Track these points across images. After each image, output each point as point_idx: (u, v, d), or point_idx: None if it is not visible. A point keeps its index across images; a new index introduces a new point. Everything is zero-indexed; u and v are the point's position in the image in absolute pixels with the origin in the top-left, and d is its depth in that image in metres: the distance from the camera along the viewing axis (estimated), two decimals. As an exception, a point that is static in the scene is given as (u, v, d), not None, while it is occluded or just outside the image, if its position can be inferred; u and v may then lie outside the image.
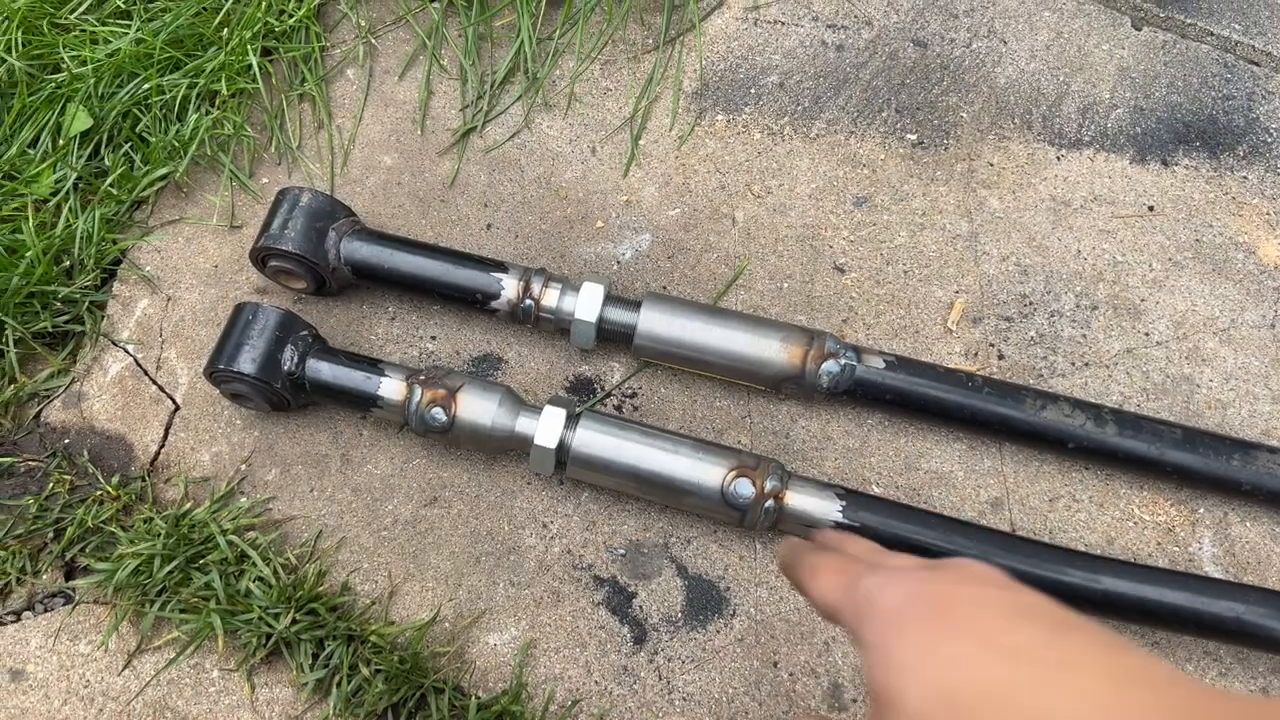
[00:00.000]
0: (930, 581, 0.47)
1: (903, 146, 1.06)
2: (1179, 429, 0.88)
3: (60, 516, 0.89)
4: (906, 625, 0.45)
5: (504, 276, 0.91)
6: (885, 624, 0.45)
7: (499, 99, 1.09)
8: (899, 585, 0.47)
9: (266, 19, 1.08)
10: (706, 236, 1.02)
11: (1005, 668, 0.40)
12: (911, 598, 0.46)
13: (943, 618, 0.44)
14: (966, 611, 0.44)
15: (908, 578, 0.48)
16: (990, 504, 0.90)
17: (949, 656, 0.42)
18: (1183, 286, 0.99)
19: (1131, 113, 1.08)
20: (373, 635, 0.83)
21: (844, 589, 0.51)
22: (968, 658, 0.42)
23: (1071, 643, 0.41)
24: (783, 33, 1.13)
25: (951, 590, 0.46)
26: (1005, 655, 0.41)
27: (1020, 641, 0.41)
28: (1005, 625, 0.43)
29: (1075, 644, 0.41)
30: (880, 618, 0.46)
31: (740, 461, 0.83)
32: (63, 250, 0.98)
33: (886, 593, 0.47)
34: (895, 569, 0.50)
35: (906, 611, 0.45)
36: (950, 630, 0.43)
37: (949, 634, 0.43)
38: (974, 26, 1.13)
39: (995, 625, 0.43)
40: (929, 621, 0.44)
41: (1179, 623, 0.80)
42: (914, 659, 0.43)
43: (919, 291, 0.99)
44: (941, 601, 0.45)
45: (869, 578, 0.49)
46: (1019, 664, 0.40)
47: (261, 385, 0.86)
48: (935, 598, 0.46)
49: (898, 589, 0.47)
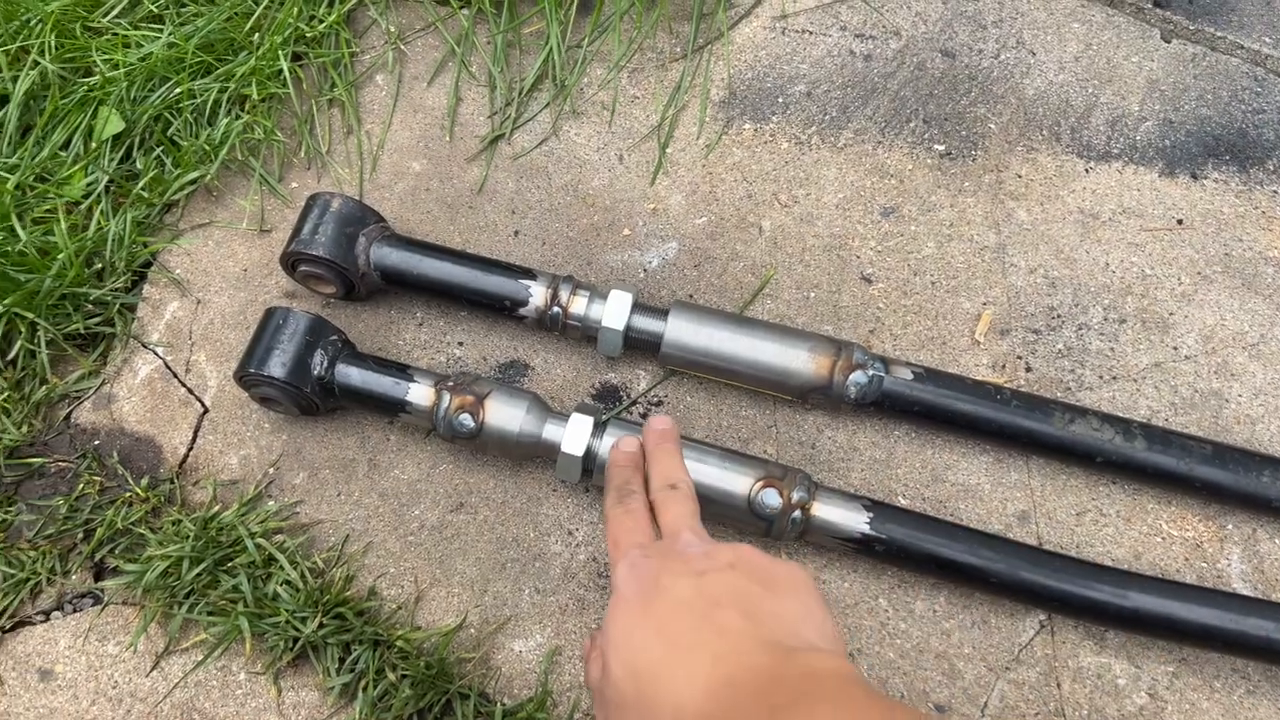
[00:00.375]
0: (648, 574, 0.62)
1: (930, 157, 1.06)
2: (1208, 444, 0.87)
3: (90, 517, 0.90)
4: (620, 610, 0.60)
5: (532, 283, 0.92)
6: (614, 602, 0.62)
7: (527, 106, 1.10)
8: (628, 577, 0.63)
9: (297, 24, 1.09)
10: (733, 245, 1.02)
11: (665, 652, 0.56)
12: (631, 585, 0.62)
13: (643, 607, 0.59)
14: (659, 603, 0.59)
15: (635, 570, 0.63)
16: (1017, 517, 0.90)
17: (637, 641, 0.58)
18: (1212, 300, 0.98)
19: (1161, 125, 1.08)
20: (399, 640, 0.84)
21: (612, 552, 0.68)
22: (647, 643, 0.57)
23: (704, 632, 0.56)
24: (811, 42, 1.13)
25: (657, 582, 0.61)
26: (668, 642, 0.56)
27: (677, 629, 0.57)
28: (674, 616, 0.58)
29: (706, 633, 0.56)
30: (614, 596, 0.62)
31: (767, 472, 0.83)
32: (94, 252, 0.99)
33: (620, 576, 0.63)
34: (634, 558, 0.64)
35: (624, 598, 0.61)
36: (642, 619, 0.59)
37: (641, 622, 0.59)
38: (1002, 37, 1.13)
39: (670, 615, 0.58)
40: (634, 609, 0.60)
41: (1207, 640, 0.80)
42: (618, 638, 0.59)
43: (946, 302, 0.99)
44: (646, 593, 0.60)
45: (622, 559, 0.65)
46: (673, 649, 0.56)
47: (291, 389, 0.86)
48: (644, 590, 0.61)
49: (625, 580, 0.63)
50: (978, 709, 0.83)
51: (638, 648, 0.58)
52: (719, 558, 0.62)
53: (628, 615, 0.60)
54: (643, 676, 0.56)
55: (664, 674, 0.55)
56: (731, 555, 0.62)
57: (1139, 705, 0.83)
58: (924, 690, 0.84)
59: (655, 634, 0.58)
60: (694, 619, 0.58)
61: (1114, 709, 0.83)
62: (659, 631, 0.58)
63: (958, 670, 0.84)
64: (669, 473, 0.73)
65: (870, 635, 0.86)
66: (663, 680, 0.55)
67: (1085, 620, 0.84)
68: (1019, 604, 0.86)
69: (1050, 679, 0.84)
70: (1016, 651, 0.85)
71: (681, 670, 0.55)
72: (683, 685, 0.54)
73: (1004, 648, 0.85)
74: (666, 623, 0.58)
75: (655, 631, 0.58)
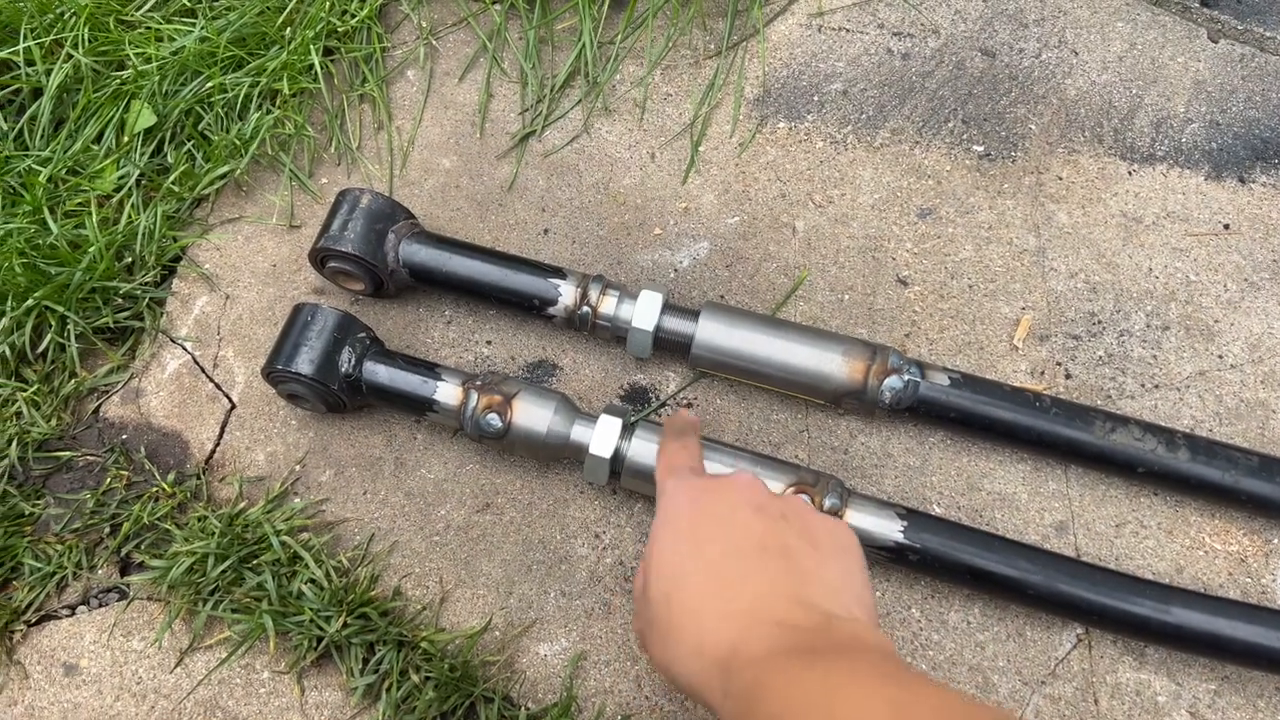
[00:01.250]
0: (697, 498, 0.64)
1: (969, 158, 1.04)
2: (1254, 456, 0.85)
3: (116, 512, 0.90)
4: (666, 528, 0.63)
5: (561, 283, 0.91)
6: (660, 520, 0.64)
7: (558, 103, 1.08)
8: (677, 494, 0.65)
9: (329, 19, 1.08)
10: (766, 246, 1.00)
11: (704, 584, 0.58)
12: (678, 506, 0.64)
13: (690, 530, 0.62)
14: (706, 529, 0.61)
15: (687, 490, 0.65)
16: (1055, 528, 0.88)
17: (678, 566, 0.60)
18: (1259, 308, 0.96)
19: (1207, 128, 1.05)
20: (423, 642, 0.83)
21: (662, 475, 0.71)
22: (687, 571, 0.59)
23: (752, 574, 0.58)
24: (847, 40, 1.11)
25: (707, 504, 0.63)
26: (709, 575, 0.58)
27: (720, 564, 0.59)
28: (719, 548, 0.60)
29: (753, 575, 0.58)
30: (661, 513, 0.64)
31: (799, 477, 0.82)
32: (124, 246, 0.99)
33: (672, 491, 0.66)
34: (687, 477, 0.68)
35: (673, 516, 0.63)
36: (688, 544, 0.61)
37: (685, 548, 0.60)
38: (1044, 36, 1.11)
39: (716, 546, 0.60)
40: (680, 531, 0.62)
41: (1251, 658, 0.77)
42: (660, 559, 0.61)
43: (984, 307, 0.96)
44: (695, 516, 0.62)
45: (669, 479, 0.68)
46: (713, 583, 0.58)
47: (318, 386, 0.86)
48: (694, 511, 0.63)
49: (674, 498, 0.65)
50: (1012, 724, 0.81)
51: (678, 574, 0.59)
52: (772, 505, 0.63)
53: (674, 536, 0.61)
54: (674, 604, 0.57)
55: (698, 607, 0.56)
56: (783, 505, 0.63)
57: (1179, 724, 0.81)
58: (957, 703, 0.82)
59: (698, 564, 0.59)
60: (739, 558, 0.58)
61: (1153, 727, 0.80)
62: (702, 561, 0.59)
63: (992, 684, 0.82)
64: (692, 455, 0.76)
65: (903, 646, 0.84)
66: (695, 613, 0.56)
67: (1125, 635, 0.82)
68: (1056, 617, 0.84)
69: (1087, 694, 0.82)
70: (1053, 665, 0.83)
71: (716, 606, 0.56)
72: (712, 622, 0.55)
73: (1040, 661, 0.83)
74: (710, 554, 0.59)
75: (698, 561, 0.59)
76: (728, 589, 0.57)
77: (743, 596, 0.56)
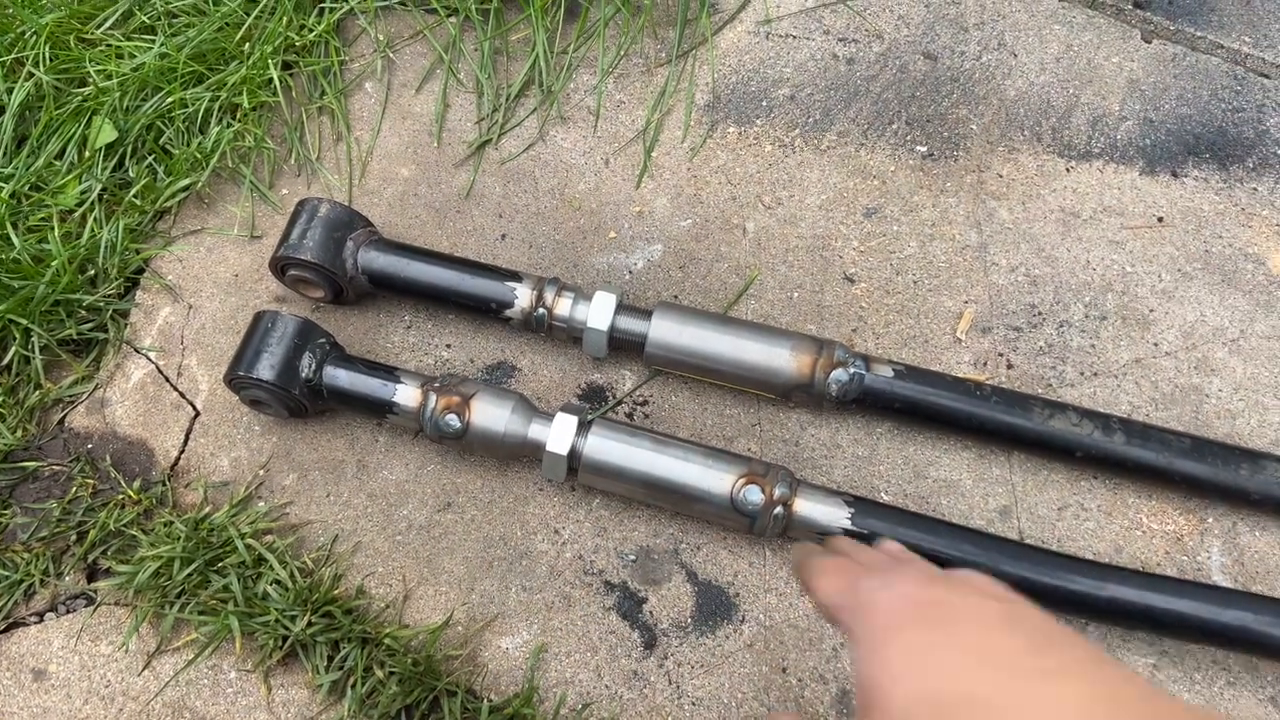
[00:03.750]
0: (928, 588, 0.49)
1: (913, 158, 1.07)
2: (1188, 438, 0.88)
3: (83, 520, 0.91)
4: (900, 629, 0.46)
5: (518, 286, 0.93)
6: (880, 626, 0.47)
7: (514, 112, 1.11)
8: (897, 589, 0.49)
9: (287, 34, 1.10)
10: (718, 247, 1.03)
11: (991, 675, 0.42)
12: (907, 602, 0.48)
13: (936, 625, 0.46)
14: (960, 620, 0.46)
15: (907, 582, 0.49)
16: (999, 512, 0.91)
17: (937, 663, 0.44)
18: (1192, 297, 0.99)
19: (1141, 125, 1.09)
20: (387, 638, 0.85)
21: (845, 588, 0.53)
22: (956, 665, 0.43)
23: (1056, 654, 0.43)
24: (794, 46, 1.14)
25: (947, 598, 0.48)
26: (992, 664, 0.43)
27: (1008, 651, 0.43)
28: (995, 635, 0.44)
29: (1060, 656, 0.43)
30: (876, 619, 0.47)
31: (750, 469, 0.84)
32: (87, 259, 1.01)
33: (884, 595, 0.49)
34: (897, 574, 0.52)
35: (901, 615, 0.47)
36: (941, 637, 0.45)
37: (940, 641, 0.45)
38: (984, 39, 1.14)
39: (985, 635, 0.44)
40: (922, 627, 0.46)
41: (1187, 631, 0.81)
42: (903, 662, 0.44)
43: (928, 301, 1.00)
44: (936, 608, 0.47)
45: (869, 579, 0.51)
46: (1004, 673, 0.42)
47: (280, 392, 0.88)
48: (930, 604, 0.47)
49: (895, 592, 0.49)
50: (960, 702, 0.84)
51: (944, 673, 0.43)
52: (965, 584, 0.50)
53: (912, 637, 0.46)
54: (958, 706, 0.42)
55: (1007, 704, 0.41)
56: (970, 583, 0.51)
57: (1120, 697, 0.83)
58: (906, 684, 0.84)
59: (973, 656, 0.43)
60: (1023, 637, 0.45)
61: (1095, 701, 0.83)
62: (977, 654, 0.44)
63: (940, 664, 0.85)
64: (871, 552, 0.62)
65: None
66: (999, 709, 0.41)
67: (1065, 612, 0.85)
68: (1000, 598, 0.86)
69: (1032, 672, 0.84)
70: (998, 645, 0.85)
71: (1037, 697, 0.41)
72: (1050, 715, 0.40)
73: (986, 641, 0.86)
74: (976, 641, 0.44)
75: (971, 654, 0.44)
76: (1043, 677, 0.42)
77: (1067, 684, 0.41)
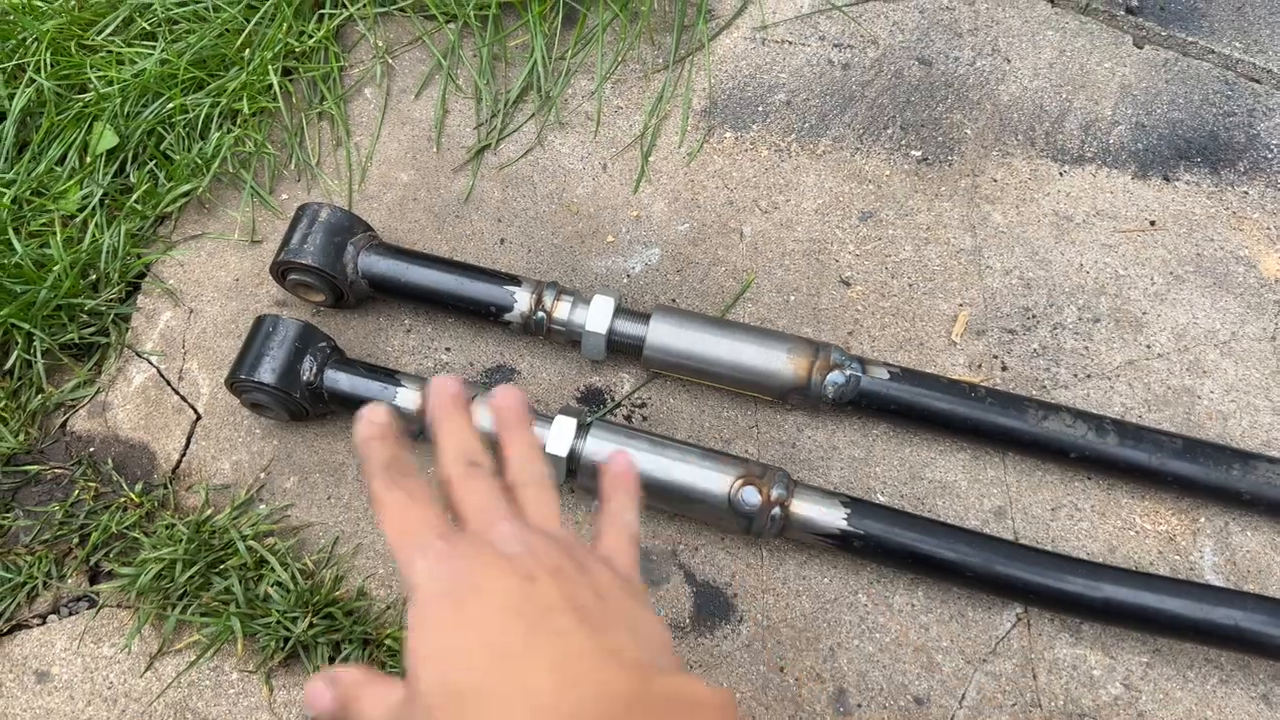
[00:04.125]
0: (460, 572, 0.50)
1: (907, 163, 1.08)
2: (1180, 439, 0.89)
3: (85, 523, 0.92)
4: (428, 614, 0.48)
5: (517, 290, 0.94)
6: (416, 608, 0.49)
7: (512, 117, 1.12)
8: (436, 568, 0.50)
9: (287, 40, 1.11)
10: (715, 251, 1.04)
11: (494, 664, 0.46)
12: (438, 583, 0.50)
13: (456, 610, 0.48)
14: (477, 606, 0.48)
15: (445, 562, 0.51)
16: (994, 513, 0.92)
17: (453, 651, 0.47)
18: (1184, 300, 1.00)
19: (1133, 129, 1.10)
20: (388, 639, 0.86)
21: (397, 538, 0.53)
22: (466, 654, 0.47)
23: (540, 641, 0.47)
24: (790, 52, 1.15)
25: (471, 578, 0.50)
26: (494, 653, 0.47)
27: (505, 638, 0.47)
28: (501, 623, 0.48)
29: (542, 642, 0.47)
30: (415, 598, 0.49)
31: (747, 470, 0.85)
32: (89, 264, 1.01)
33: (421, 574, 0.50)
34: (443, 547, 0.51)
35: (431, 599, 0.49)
36: (459, 624, 0.48)
37: (457, 628, 0.48)
38: (978, 45, 1.15)
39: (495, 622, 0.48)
40: (445, 613, 0.48)
41: (1179, 630, 0.81)
42: (428, 650, 0.47)
43: (923, 304, 1.01)
44: (460, 591, 0.49)
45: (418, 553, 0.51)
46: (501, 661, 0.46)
47: (281, 395, 0.88)
48: (456, 587, 0.49)
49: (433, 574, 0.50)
50: (955, 700, 0.84)
51: (457, 661, 0.47)
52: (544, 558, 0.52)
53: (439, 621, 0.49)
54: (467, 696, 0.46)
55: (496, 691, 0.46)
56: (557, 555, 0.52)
57: (1114, 695, 0.84)
58: (903, 683, 0.85)
59: (479, 643, 0.47)
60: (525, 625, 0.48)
61: (1089, 699, 0.84)
62: (483, 640, 0.48)
63: (936, 663, 0.86)
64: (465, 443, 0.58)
65: (849, 630, 0.87)
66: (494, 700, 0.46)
67: (1060, 612, 0.86)
68: (995, 597, 0.87)
69: (1027, 670, 0.85)
70: (994, 644, 0.86)
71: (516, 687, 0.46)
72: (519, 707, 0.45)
73: (981, 640, 0.87)
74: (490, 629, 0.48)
75: (478, 640, 0.48)
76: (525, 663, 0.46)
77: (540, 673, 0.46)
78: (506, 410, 0.62)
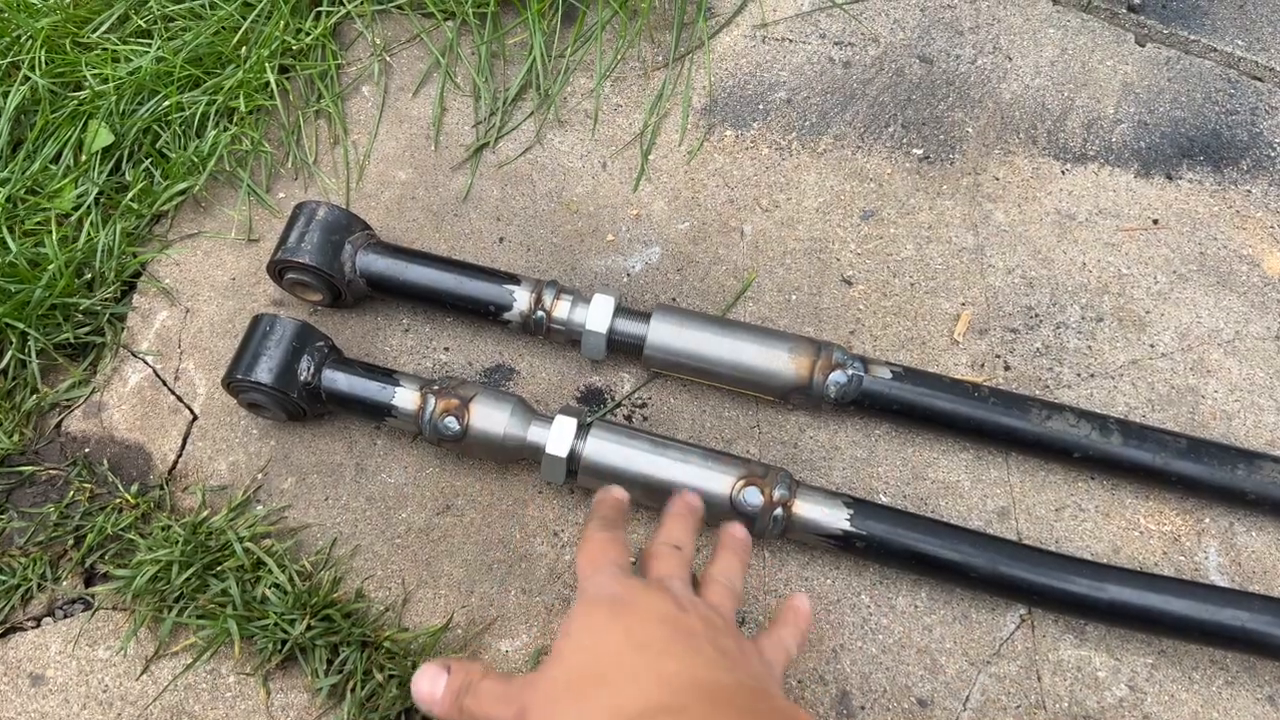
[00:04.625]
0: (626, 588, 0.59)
1: (909, 161, 1.08)
2: (1184, 439, 0.88)
3: (80, 524, 0.91)
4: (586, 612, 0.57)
5: (516, 289, 0.93)
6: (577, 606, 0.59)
7: (511, 115, 1.11)
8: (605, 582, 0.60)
9: (284, 38, 1.10)
10: (715, 249, 1.03)
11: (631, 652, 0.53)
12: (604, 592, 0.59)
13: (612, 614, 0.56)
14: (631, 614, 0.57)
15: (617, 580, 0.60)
16: (997, 513, 0.91)
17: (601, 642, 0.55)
18: (1187, 299, 1.00)
19: (1136, 128, 1.09)
20: (386, 641, 0.85)
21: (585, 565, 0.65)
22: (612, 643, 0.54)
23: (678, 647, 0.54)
24: (790, 50, 1.15)
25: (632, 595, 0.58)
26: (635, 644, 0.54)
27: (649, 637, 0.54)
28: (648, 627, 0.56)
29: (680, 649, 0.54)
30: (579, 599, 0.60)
31: (749, 470, 0.84)
32: (84, 263, 1.00)
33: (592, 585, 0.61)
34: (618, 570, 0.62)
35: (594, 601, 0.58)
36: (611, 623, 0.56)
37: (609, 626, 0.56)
38: (979, 43, 1.15)
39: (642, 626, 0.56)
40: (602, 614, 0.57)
41: (1184, 631, 0.81)
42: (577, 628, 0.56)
43: (925, 303, 1.00)
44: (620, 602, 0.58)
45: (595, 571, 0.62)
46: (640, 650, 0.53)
47: (278, 395, 0.87)
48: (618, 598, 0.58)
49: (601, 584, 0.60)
50: (959, 702, 0.84)
51: (599, 640, 0.54)
52: (703, 610, 0.59)
53: (594, 619, 0.56)
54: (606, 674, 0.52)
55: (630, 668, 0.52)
56: (714, 616, 0.60)
57: (1119, 697, 0.84)
58: (906, 685, 0.85)
59: (623, 636, 0.54)
60: (668, 631, 0.55)
61: (1094, 701, 0.84)
62: (628, 635, 0.54)
63: (939, 665, 0.85)
64: (679, 536, 0.70)
65: (853, 631, 0.86)
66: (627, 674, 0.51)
67: (1064, 613, 0.85)
68: (999, 598, 0.87)
69: (1031, 672, 0.85)
70: (997, 645, 0.86)
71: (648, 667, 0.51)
72: (632, 685, 0.50)
73: (985, 642, 0.86)
74: (637, 630, 0.55)
75: (624, 635, 0.54)
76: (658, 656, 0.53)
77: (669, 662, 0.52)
78: (734, 540, 0.73)
